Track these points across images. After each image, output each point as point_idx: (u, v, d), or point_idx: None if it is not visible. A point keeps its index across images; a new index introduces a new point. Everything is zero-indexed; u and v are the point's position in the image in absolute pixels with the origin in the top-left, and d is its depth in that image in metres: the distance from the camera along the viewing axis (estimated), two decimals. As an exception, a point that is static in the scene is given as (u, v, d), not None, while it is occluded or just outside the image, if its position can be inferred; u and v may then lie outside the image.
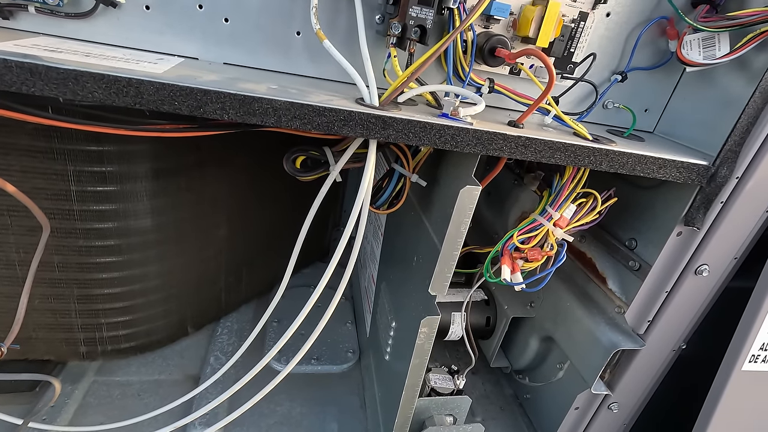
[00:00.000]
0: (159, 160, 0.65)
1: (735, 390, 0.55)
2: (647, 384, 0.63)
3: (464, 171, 0.45)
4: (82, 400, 0.69)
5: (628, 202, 0.61)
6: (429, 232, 0.53)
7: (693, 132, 0.55)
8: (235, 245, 0.84)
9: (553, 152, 0.43)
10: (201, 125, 0.42)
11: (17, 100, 0.37)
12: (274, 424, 0.72)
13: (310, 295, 0.51)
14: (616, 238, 0.64)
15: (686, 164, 0.47)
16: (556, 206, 0.52)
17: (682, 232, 0.53)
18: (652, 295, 0.57)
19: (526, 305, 0.77)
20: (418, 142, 0.40)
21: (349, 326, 0.95)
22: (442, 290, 0.48)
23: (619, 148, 0.46)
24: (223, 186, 0.76)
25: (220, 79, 0.39)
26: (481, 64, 0.49)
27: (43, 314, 0.69)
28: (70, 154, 0.59)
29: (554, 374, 0.73)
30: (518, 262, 0.53)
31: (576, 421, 0.67)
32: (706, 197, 0.49)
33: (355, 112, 0.38)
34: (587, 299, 0.67)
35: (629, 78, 0.55)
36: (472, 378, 0.88)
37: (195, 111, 0.36)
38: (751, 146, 0.47)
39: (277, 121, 0.37)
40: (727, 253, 0.53)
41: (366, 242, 0.97)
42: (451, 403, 0.64)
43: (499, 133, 0.41)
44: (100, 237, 0.66)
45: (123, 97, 0.34)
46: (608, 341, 0.59)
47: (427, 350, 0.52)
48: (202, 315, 0.86)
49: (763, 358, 0.55)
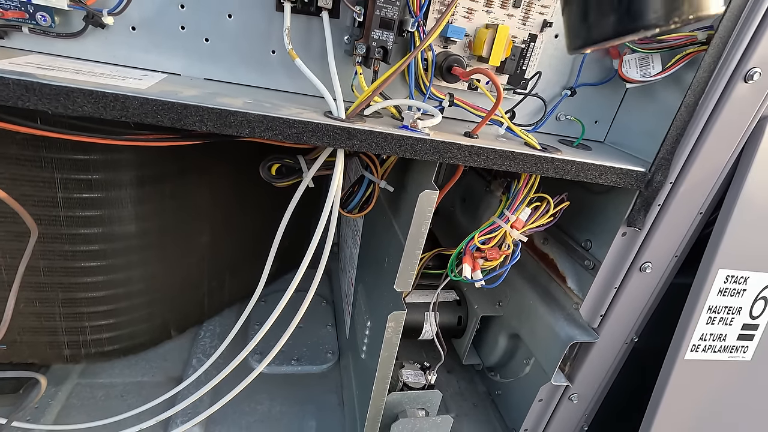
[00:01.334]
0: (143, 168, 0.68)
1: (679, 377, 0.60)
2: (604, 375, 0.68)
3: (425, 177, 0.49)
4: (66, 401, 0.71)
5: (583, 206, 0.66)
6: (397, 234, 0.57)
7: (638, 142, 0.61)
8: (217, 251, 0.87)
9: (503, 160, 0.48)
10: (182, 135, 0.46)
11: (10, 112, 0.40)
12: (254, 422, 0.75)
13: (294, 299, 0.54)
14: (574, 240, 0.69)
15: (625, 170, 0.52)
16: (513, 209, 0.57)
17: (627, 233, 0.58)
18: (603, 291, 0.62)
19: (494, 304, 0.81)
20: (381, 150, 0.45)
21: (330, 329, 0.98)
22: (407, 286, 0.52)
23: (564, 156, 0.51)
24: (205, 194, 0.80)
25: (200, 94, 0.43)
26: (441, 81, 0.54)
27: (28, 318, 0.71)
28: (58, 163, 0.62)
29: (522, 370, 0.77)
30: (479, 261, 0.57)
31: (540, 412, 0.71)
32: (644, 200, 0.55)
33: (323, 124, 0.43)
34: (549, 297, 0.71)
35: (579, 93, 0.60)
36: (447, 376, 0.92)
37: (176, 123, 0.40)
38: (681, 154, 0.52)
39: (251, 132, 0.41)
40: (667, 252, 0.58)
41: (346, 247, 1.01)
42: (422, 398, 0.68)
43: (454, 143, 0.46)
44: (86, 242, 0.69)
45: (110, 111, 0.38)
46: (566, 335, 0.63)
47: (395, 343, 0.55)
48: (185, 318, 0.88)
49: (703, 348, 0.60)
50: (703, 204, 0.56)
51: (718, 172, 0.54)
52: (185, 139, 0.46)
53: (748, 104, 0.50)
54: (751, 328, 0.61)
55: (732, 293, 0.58)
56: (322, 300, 1.07)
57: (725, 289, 0.58)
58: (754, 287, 0.59)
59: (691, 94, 0.49)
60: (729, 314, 0.59)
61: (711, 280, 0.57)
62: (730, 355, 0.61)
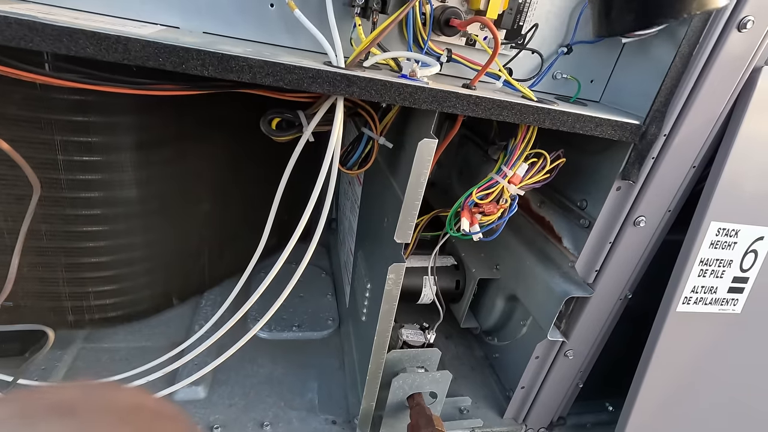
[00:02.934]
0: (142, 132, 0.69)
1: (671, 329, 0.62)
2: (598, 331, 0.69)
3: (424, 129, 0.50)
4: (72, 364, 0.72)
5: (579, 168, 0.67)
6: (396, 192, 0.58)
7: (633, 100, 0.62)
8: (217, 220, 0.88)
9: (500, 110, 0.49)
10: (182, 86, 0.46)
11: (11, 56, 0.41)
12: (258, 383, 0.76)
13: (292, 270, 0.54)
14: (570, 200, 0.70)
15: (620, 123, 0.53)
16: (510, 165, 0.58)
17: (621, 187, 0.59)
18: (598, 247, 0.63)
19: (491, 268, 0.83)
20: (380, 99, 0.45)
21: (330, 298, 1.00)
22: (407, 237, 0.53)
23: (561, 107, 0.51)
24: (205, 161, 0.80)
25: (201, 41, 0.43)
26: (439, 35, 0.54)
27: (31, 282, 0.71)
28: (57, 124, 0.62)
29: (518, 331, 0.79)
30: (477, 216, 0.58)
31: (537, 369, 0.73)
32: (639, 153, 0.56)
33: (323, 71, 0.43)
34: (545, 258, 0.73)
35: (575, 51, 0.61)
36: (445, 342, 0.94)
37: (177, 67, 0.40)
38: (675, 106, 0.53)
39: (252, 77, 0.42)
40: (660, 206, 0.60)
41: (344, 219, 1.02)
42: (422, 356, 0.69)
43: (453, 92, 0.47)
44: (87, 206, 0.69)
45: (113, 53, 0.38)
46: (561, 291, 0.65)
47: (395, 296, 0.57)
48: (186, 287, 0.89)
49: (694, 300, 0.62)
50: (696, 157, 0.57)
51: (712, 124, 0.55)
52: (185, 89, 0.46)
53: (742, 54, 0.50)
54: (741, 281, 0.63)
55: (723, 246, 0.60)
56: (321, 271, 1.09)
57: (717, 242, 0.59)
58: (745, 240, 0.60)
59: (686, 43, 0.50)
60: (720, 267, 0.61)
61: (703, 232, 0.58)
62: (721, 307, 0.63)
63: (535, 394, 0.75)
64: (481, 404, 0.81)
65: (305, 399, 0.75)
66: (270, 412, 0.71)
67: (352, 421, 0.72)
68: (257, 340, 0.85)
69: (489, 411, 0.79)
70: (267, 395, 0.74)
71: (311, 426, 0.70)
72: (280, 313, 0.94)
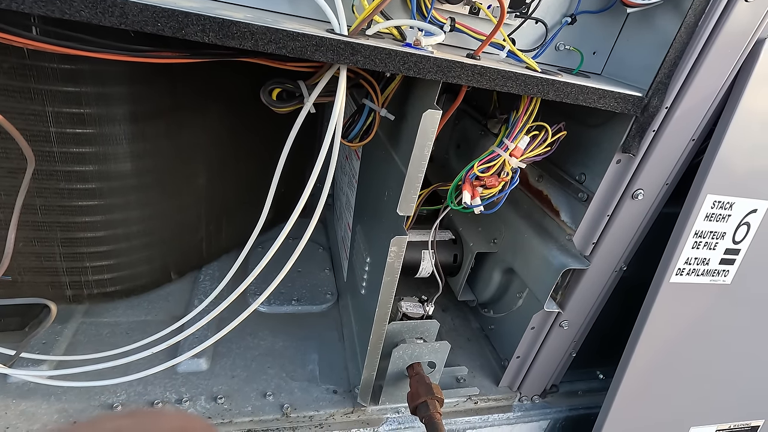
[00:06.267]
0: (136, 104, 0.67)
1: (664, 299, 0.64)
2: (593, 302, 0.71)
3: (428, 100, 0.50)
4: (72, 338, 0.73)
5: (579, 141, 0.68)
6: (397, 165, 0.58)
7: (635, 73, 0.61)
8: (215, 195, 0.87)
9: (505, 81, 0.48)
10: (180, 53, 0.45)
11: (2, 22, 0.39)
12: (259, 355, 0.77)
13: (292, 246, 0.54)
14: (569, 174, 0.71)
15: (623, 95, 0.53)
16: (512, 137, 0.57)
17: (621, 160, 0.59)
18: (596, 220, 0.64)
19: (489, 242, 0.84)
20: (384, 68, 0.45)
21: (327, 272, 1.01)
22: (409, 210, 0.53)
23: (564, 79, 0.51)
24: (201, 134, 0.79)
25: (200, 6, 0.41)
26: (443, 3, 0.53)
27: (28, 257, 0.71)
28: (48, 95, 0.60)
29: (515, 303, 0.81)
30: (478, 189, 0.58)
31: (532, 339, 0.75)
32: (640, 126, 0.56)
33: (327, 38, 0.42)
34: (542, 231, 0.74)
35: (579, 21, 0.60)
36: (442, 315, 0.96)
37: (177, 32, 0.39)
38: (678, 78, 0.53)
39: (254, 44, 0.41)
40: (659, 179, 0.60)
41: (342, 194, 1.02)
42: (421, 327, 0.71)
43: (457, 62, 0.46)
44: (81, 180, 0.68)
45: (109, 17, 0.37)
46: (558, 263, 0.66)
47: (397, 268, 0.57)
48: (184, 262, 0.89)
49: (687, 272, 0.63)
50: (696, 130, 0.57)
51: (713, 97, 0.55)
52: (184, 56, 0.45)
53: (747, 24, 0.50)
54: (733, 252, 0.64)
55: (718, 218, 0.61)
56: (319, 246, 1.09)
57: (712, 215, 0.60)
58: (739, 212, 0.61)
59: (692, 13, 0.49)
60: (714, 239, 0.62)
61: (699, 205, 0.59)
62: (712, 278, 0.65)
63: (530, 364, 0.77)
64: (477, 373, 0.83)
65: (306, 370, 0.76)
66: (272, 383, 0.72)
67: (353, 391, 0.73)
68: (257, 314, 0.85)
69: (485, 380, 0.82)
70: (269, 367, 0.75)
71: (313, 395, 0.72)
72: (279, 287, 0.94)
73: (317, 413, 0.69)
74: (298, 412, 0.69)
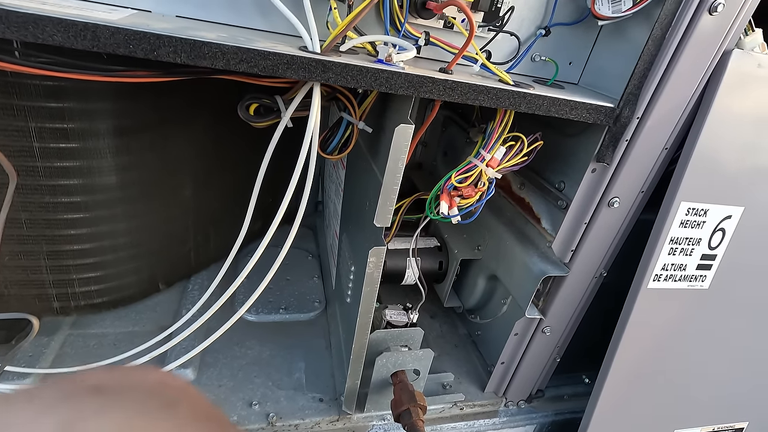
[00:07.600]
0: (120, 118, 0.68)
1: (642, 305, 0.64)
2: (574, 308, 0.72)
3: (401, 114, 0.51)
4: (59, 350, 0.73)
5: (558, 150, 0.69)
6: (377, 176, 0.59)
7: (610, 82, 0.62)
8: (201, 205, 0.88)
9: (477, 95, 0.49)
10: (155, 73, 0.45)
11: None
12: (246, 364, 0.78)
13: (276, 253, 0.54)
14: (549, 182, 0.72)
15: (594, 106, 0.54)
16: (488, 148, 0.58)
17: (596, 169, 0.60)
18: (574, 227, 0.65)
19: (473, 249, 0.85)
20: (356, 84, 0.45)
21: (316, 280, 1.01)
22: (386, 221, 0.54)
23: (536, 91, 0.52)
24: (186, 147, 0.80)
25: (173, 27, 0.42)
26: (417, 18, 0.54)
27: (14, 271, 0.71)
28: (31, 111, 0.61)
29: (499, 309, 0.81)
30: (455, 199, 0.59)
31: (516, 345, 0.76)
32: (613, 136, 0.57)
33: (298, 56, 0.43)
34: (524, 238, 0.74)
35: (553, 33, 0.61)
36: (430, 321, 0.96)
37: (149, 54, 0.40)
38: (648, 89, 0.54)
39: (225, 63, 0.41)
40: (634, 187, 0.61)
41: (330, 202, 1.03)
42: (405, 335, 0.72)
43: (428, 77, 0.47)
44: (66, 193, 0.69)
45: (81, 41, 0.38)
46: (538, 270, 0.67)
47: (377, 278, 0.58)
48: (172, 272, 0.90)
49: (665, 277, 0.64)
50: (668, 139, 0.58)
51: (683, 107, 0.56)
52: (159, 76, 0.45)
53: (713, 37, 0.51)
54: (710, 258, 0.65)
55: (693, 225, 0.62)
56: (308, 254, 1.10)
57: (686, 221, 0.61)
58: (713, 219, 0.62)
59: (659, 27, 0.50)
60: (689, 245, 0.63)
61: (674, 212, 0.60)
62: (690, 284, 0.66)
63: (515, 369, 0.78)
64: (463, 379, 0.84)
65: (293, 378, 0.77)
66: (258, 392, 0.73)
67: (339, 399, 0.74)
68: (245, 324, 0.86)
69: (471, 386, 0.83)
70: (255, 376, 0.76)
71: (299, 404, 0.72)
72: (267, 296, 0.96)
73: (302, 422, 0.70)
74: (284, 421, 0.69)
